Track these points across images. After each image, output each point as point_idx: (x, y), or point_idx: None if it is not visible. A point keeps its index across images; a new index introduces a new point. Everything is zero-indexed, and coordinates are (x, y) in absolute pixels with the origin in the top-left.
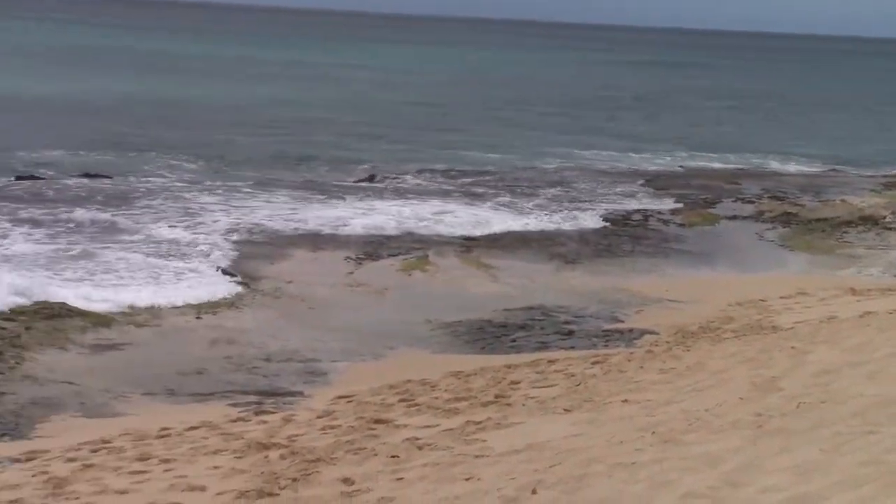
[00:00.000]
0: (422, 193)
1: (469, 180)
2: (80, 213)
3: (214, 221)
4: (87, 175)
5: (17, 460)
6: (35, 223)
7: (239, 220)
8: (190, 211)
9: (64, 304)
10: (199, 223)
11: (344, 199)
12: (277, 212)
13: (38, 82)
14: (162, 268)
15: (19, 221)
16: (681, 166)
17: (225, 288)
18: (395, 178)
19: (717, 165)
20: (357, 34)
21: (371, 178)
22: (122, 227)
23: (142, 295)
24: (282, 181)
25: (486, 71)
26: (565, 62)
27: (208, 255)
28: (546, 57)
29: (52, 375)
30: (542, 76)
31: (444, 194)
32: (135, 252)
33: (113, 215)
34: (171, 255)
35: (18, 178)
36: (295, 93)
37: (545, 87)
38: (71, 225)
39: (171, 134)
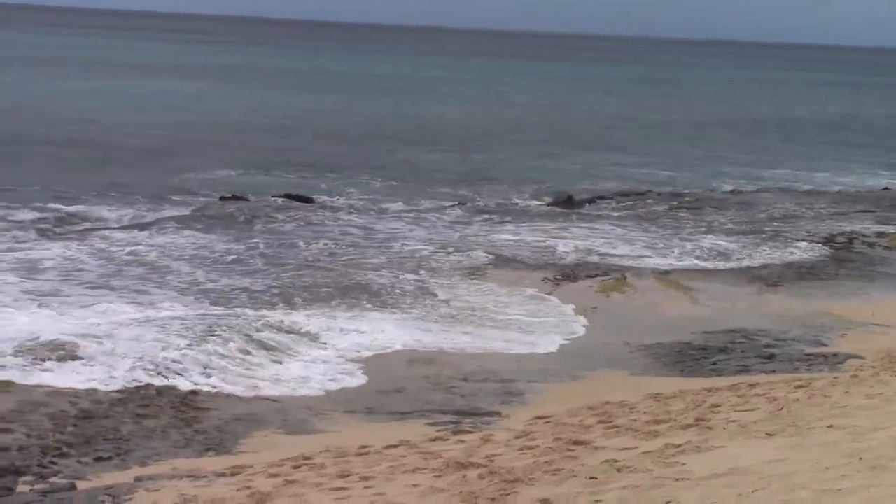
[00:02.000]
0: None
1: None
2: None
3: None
4: (288, 196)
5: (223, 475)
6: None
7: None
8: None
9: (267, 319)
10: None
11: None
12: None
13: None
14: None
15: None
16: (886, 187)
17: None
18: (591, 202)
19: None
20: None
21: (568, 201)
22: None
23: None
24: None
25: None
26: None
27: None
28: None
29: (254, 391)
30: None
31: (646, 219)
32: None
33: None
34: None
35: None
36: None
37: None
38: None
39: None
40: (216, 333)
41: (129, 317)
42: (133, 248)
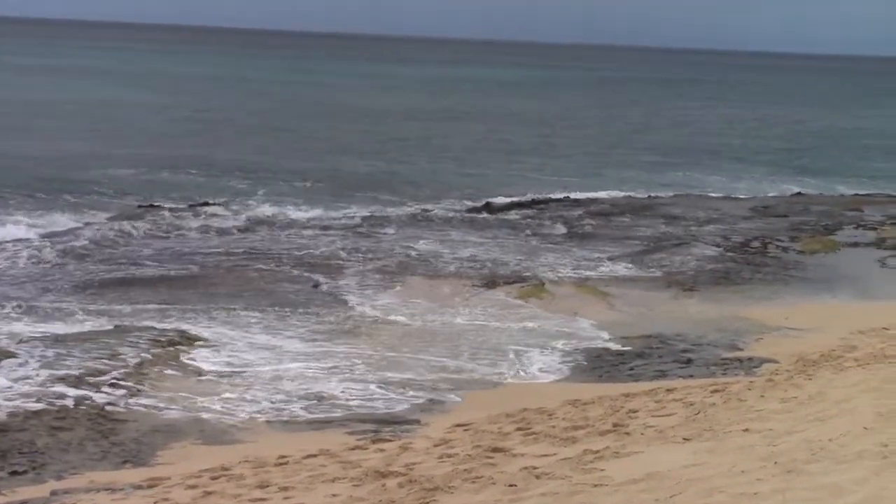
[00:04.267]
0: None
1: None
2: None
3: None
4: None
5: (140, 487)
6: None
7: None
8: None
9: (184, 331)
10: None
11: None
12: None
13: None
14: None
15: None
16: (799, 192)
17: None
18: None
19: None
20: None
21: (487, 208)
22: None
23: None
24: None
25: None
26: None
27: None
28: None
29: (171, 402)
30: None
31: (563, 224)
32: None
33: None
34: None
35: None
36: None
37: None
38: None
39: None
40: (131, 345)
41: (43, 329)
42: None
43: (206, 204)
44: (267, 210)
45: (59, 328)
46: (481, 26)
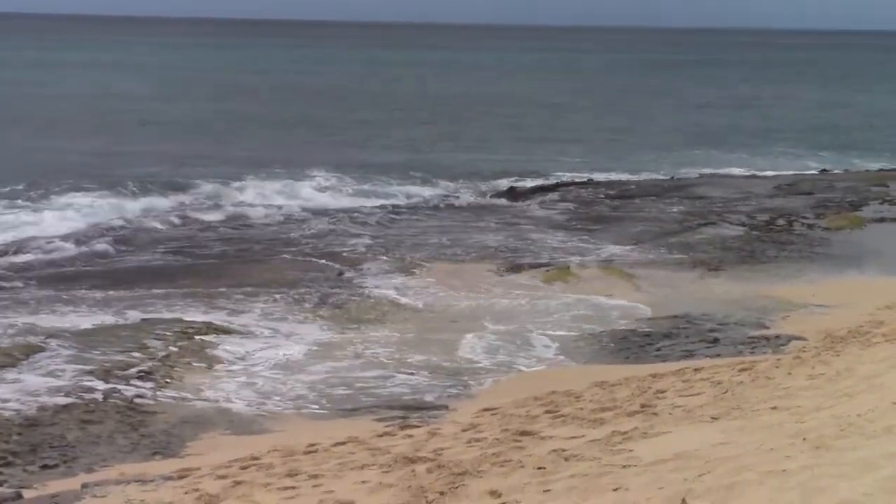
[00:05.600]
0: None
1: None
2: None
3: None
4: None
5: (170, 478)
6: None
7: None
8: None
9: (210, 322)
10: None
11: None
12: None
13: None
14: None
15: None
16: (824, 169)
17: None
18: (532, 194)
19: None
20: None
21: (510, 194)
22: None
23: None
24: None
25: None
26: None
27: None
28: None
29: (200, 393)
30: None
31: (586, 208)
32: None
33: None
34: None
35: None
36: None
37: None
38: None
39: None
40: (159, 337)
41: (68, 324)
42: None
43: (226, 195)
44: (290, 200)
45: (86, 321)
46: (470, 10)
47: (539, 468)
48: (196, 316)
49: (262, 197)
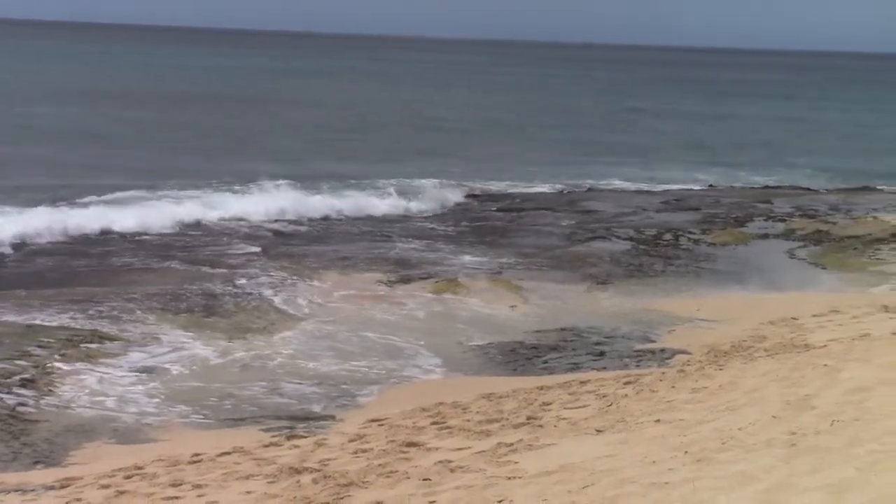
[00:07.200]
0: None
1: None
2: None
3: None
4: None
5: (52, 488)
6: None
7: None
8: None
9: (95, 330)
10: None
11: None
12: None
13: None
14: None
15: None
16: (710, 185)
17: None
18: None
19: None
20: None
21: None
22: None
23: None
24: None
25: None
26: None
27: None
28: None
29: (84, 402)
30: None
31: (473, 221)
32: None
33: None
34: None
35: None
36: None
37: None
38: None
39: None
40: (44, 345)
41: None
42: None
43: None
44: (184, 211)
45: None
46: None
47: (425, 479)
48: (82, 323)
49: (154, 206)
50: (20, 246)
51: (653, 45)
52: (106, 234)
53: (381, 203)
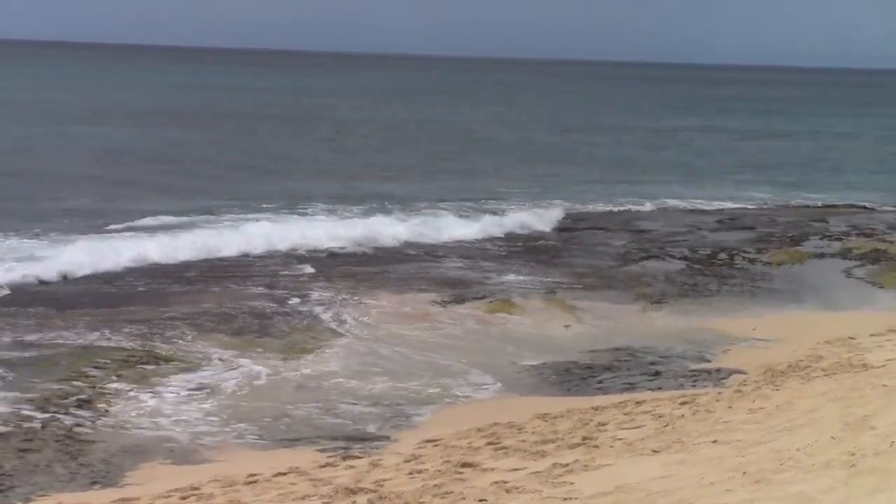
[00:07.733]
0: None
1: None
2: None
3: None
4: None
5: None
6: None
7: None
8: None
9: (150, 350)
10: None
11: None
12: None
13: None
14: None
15: None
16: (764, 203)
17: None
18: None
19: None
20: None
21: None
22: None
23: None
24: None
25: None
26: None
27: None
28: None
29: (140, 423)
30: None
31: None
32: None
33: None
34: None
35: None
36: None
37: None
38: None
39: None
40: (100, 365)
41: (6, 351)
42: None
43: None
44: (239, 235)
45: (25, 349)
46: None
47: (480, 500)
48: (138, 344)
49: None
50: (77, 269)
51: (686, 63)
52: (160, 258)
53: (436, 225)
